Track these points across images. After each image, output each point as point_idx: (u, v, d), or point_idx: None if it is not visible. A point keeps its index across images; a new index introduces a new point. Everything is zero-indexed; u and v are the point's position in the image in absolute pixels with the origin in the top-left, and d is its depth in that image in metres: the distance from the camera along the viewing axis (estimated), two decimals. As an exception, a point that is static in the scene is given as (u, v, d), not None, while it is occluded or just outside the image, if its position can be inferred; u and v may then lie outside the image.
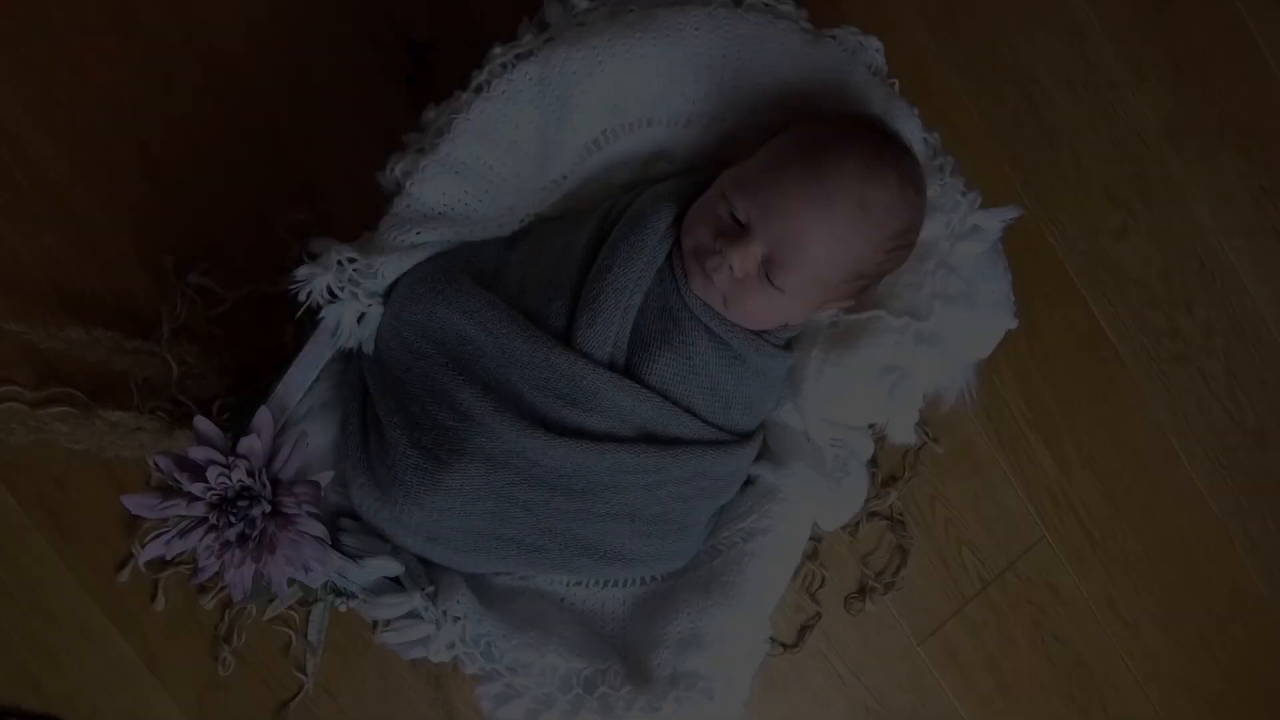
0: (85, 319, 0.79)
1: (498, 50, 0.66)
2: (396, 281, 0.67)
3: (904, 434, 0.73)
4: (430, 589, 0.66)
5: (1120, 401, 0.98)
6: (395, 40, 0.85)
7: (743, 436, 0.71)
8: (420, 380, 0.65)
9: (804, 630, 0.92)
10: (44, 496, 0.80)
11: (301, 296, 0.64)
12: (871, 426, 0.76)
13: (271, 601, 0.74)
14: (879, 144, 0.65)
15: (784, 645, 0.91)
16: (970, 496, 0.96)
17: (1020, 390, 0.96)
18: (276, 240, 0.82)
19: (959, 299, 0.70)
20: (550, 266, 0.67)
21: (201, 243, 0.82)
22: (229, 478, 0.59)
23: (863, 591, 0.93)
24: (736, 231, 0.63)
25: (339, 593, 0.70)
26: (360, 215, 0.72)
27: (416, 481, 0.63)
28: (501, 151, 0.67)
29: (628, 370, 0.66)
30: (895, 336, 0.70)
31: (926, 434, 0.93)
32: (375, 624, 0.68)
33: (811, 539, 0.91)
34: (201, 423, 0.60)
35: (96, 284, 0.81)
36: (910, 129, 0.69)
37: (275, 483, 0.61)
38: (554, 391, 0.63)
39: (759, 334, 0.69)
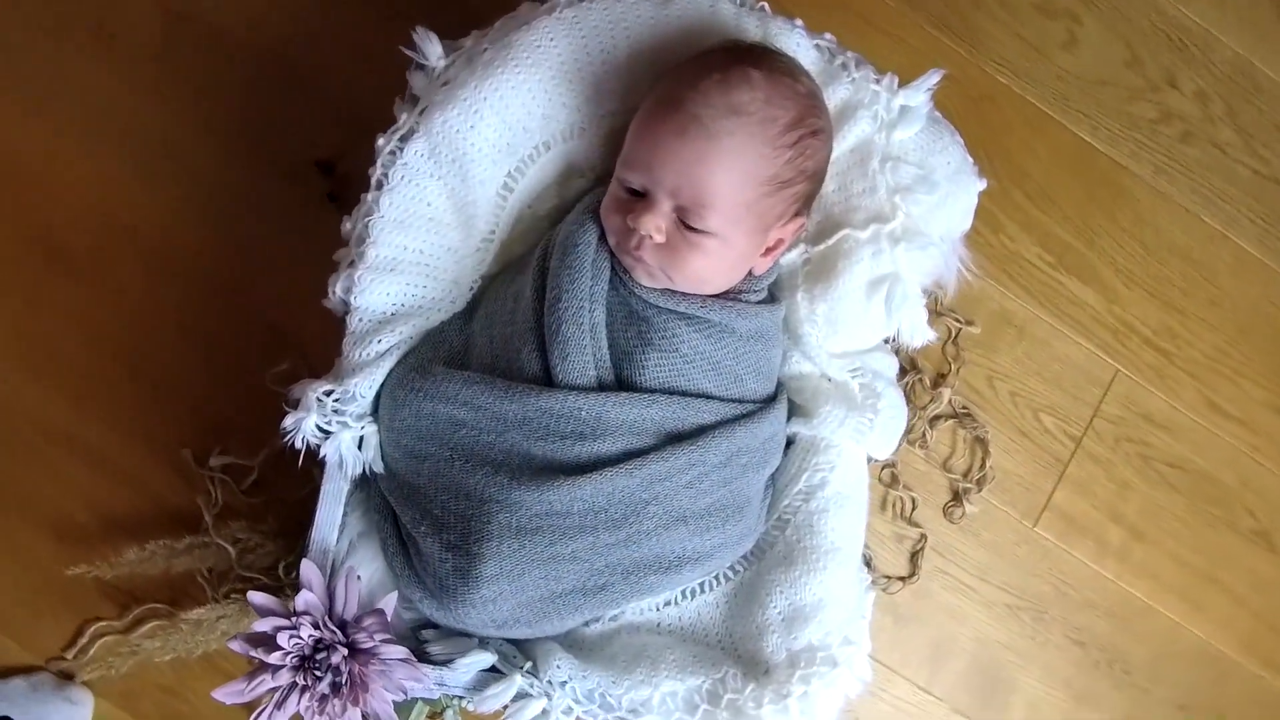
0: (137, 537, 0.82)
1: (381, 141, 0.66)
2: (380, 396, 0.67)
3: (920, 335, 0.70)
4: (528, 664, 0.66)
5: (1139, 207, 0.93)
6: (305, 168, 0.86)
7: (766, 400, 0.69)
8: (432, 481, 0.65)
9: (915, 556, 0.89)
10: (163, 708, 0.83)
11: (297, 443, 0.64)
12: (887, 341, 0.73)
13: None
14: (731, 54, 0.63)
15: (901, 578, 0.89)
16: (1027, 362, 0.92)
17: (1033, 239, 0.92)
18: (273, 395, 0.83)
19: (917, 185, 0.68)
20: (508, 321, 0.67)
21: (209, 425, 0.84)
22: (300, 636, 0.60)
23: (957, 497, 0.90)
24: (638, 201, 0.62)
25: (455, 698, 0.71)
26: (336, 341, 0.73)
27: (458, 583, 0.63)
28: (424, 233, 0.67)
29: (621, 385, 0.64)
30: (870, 248, 0.67)
31: (957, 320, 0.90)
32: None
33: (886, 466, 0.89)
34: (255, 597, 0.62)
35: (133, 501, 0.84)
36: (796, 42, 0.67)
37: (344, 625, 0.62)
38: (558, 434, 0.62)
39: (733, 298, 0.67)
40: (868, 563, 0.88)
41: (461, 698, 0.71)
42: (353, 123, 0.84)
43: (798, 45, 0.68)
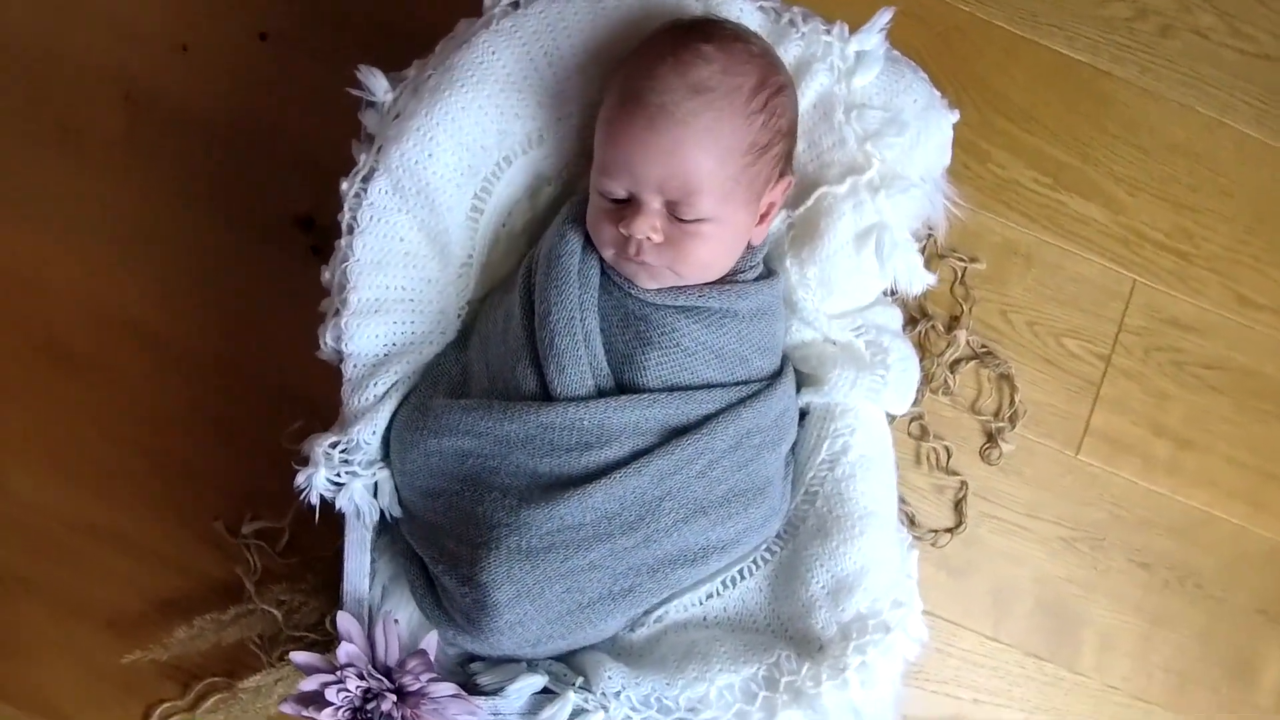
0: (186, 615, 0.83)
1: (344, 185, 0.66)
2: (389, 440, 0.67)
3: (918, 280, 0.68)
4: (579, 679, 0.65)
5: (1129, 111, 0.90)
6: (285, 227, 0.86)
7: (772, 376, 0.68)
8: (446, 515, 0.65)
9: (958, 505, 0.87)
10: (239, 778, 0.83)
11: (313, 499, 0.64)
12: (887, 293, 0.72)
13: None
14: (677, 34, 0.61)
15: (948, 530, 0.87)
16: (1040, 289, 0.89)
17: (1024, 163, 0.90)
18: (292, 455, 0.84)
19: (886, 128, 0.66)
20: (501, 341, 0.66)
21: (237, 495, 0.85)
22: (348, 689, 0.60)
23: (991, 438, 0.88)
24: (626, 208, 0.61)
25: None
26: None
27: (479, 614, 0.62)
28: (403, 270, 0.66)
29: (623, 388, 0.63)
30: (849, 202, 0.66)
31: (960, 259, 0.88)
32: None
33: (914, 419, 0.87)
34: (297, 657, 0.62)
35: (176, 581, 0.85)
36: (740, 8, 0.65)
37: (389, 671, 0.62)
38: (563, 447, 0.62)
39: (730, 279, 0.66)
40: (911, 520, 0.86)
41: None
42: (322, 174, 0.84)
43: (741, 11, 0.66)
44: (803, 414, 0.71)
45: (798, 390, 0.70)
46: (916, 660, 0.67)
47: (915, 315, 0.87)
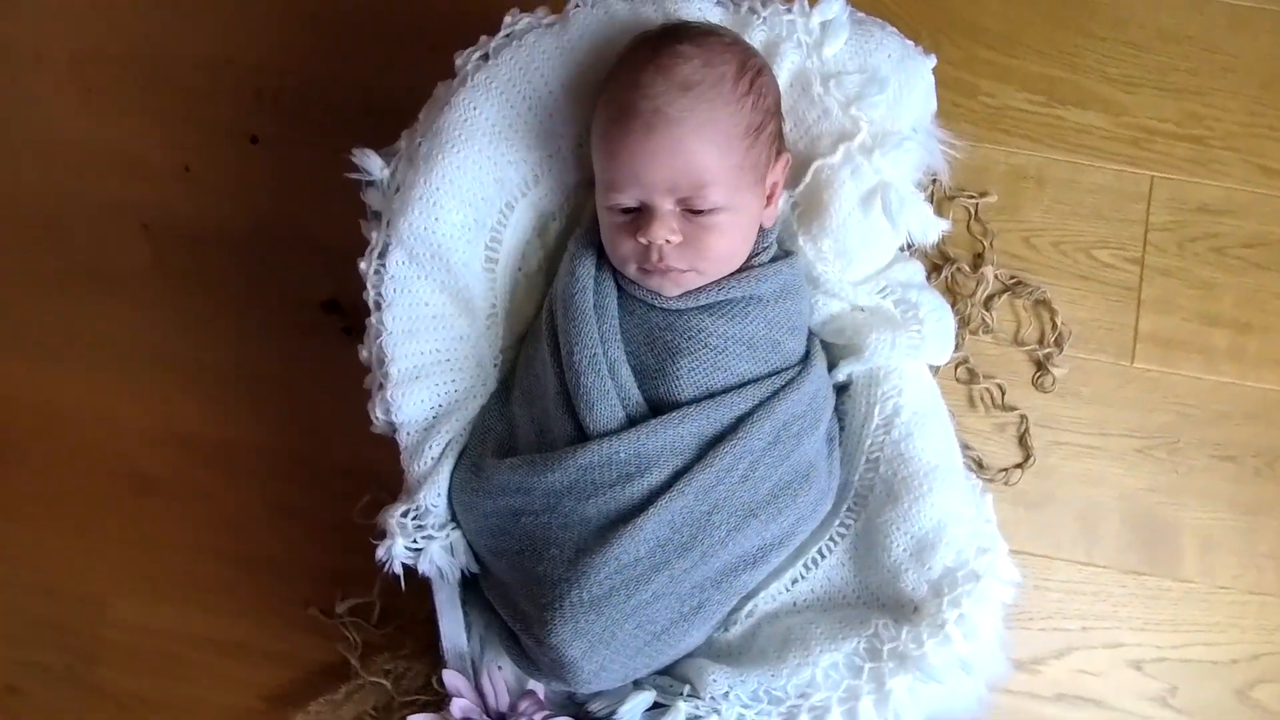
0: (300, 703, 0.86)
1: (363, 265, 0.69)
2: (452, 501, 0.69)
3: (932, 229, 0.68)
4: (686, 688, 0.66)
5: (1112, 10, 0.89)
6: (315, 314, 0.89)
7: (802, 360, 0.68)
8: (513, 575, 0.66)
9: (1023, 440, 0.86)
10: None
11: (396, 569, 0.67)
12: (904, 249, 0.72)
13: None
14: (650, 43, 0.63)
15: (1018, 466, 0.86)
16: (1057, 208, 0.88)
17: (1014, 87, 0.89)
18: (368, 528, 0.86)
19: (866, 89, 0.66)
20: (542, 393, 0.67)
21: (325, 579, 0.88)
22: (470, 742, 0.62)
23: (1041, 366, 0.87)
24: (639, 217, 0.62)
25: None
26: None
27: (560, 671, 0.63)
28: (434, 333, 0.68)
29: (658, 407, 0.64)
30: (846, 168, 0.66)
31: (970, 197, 0.87)
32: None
33: (960, 365, 0.86)
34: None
35: (285, 673, 0.88)
36: (698, 7, 0.66)
37: (503, 717, 0.63)
38: (605, 484, 0.62)
39: (746, 267, 0.66)
40: (979, 464, 0.86)
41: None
42: (337, 257, 0.87)
43: (700, 9, 0.67)
44: (845, 387, 0.71)
45: (836, 364, 0.71)
46: (1014, 601, 0.66)
47: (938, 262, 0.87)
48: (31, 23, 0.91)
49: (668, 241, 0.61)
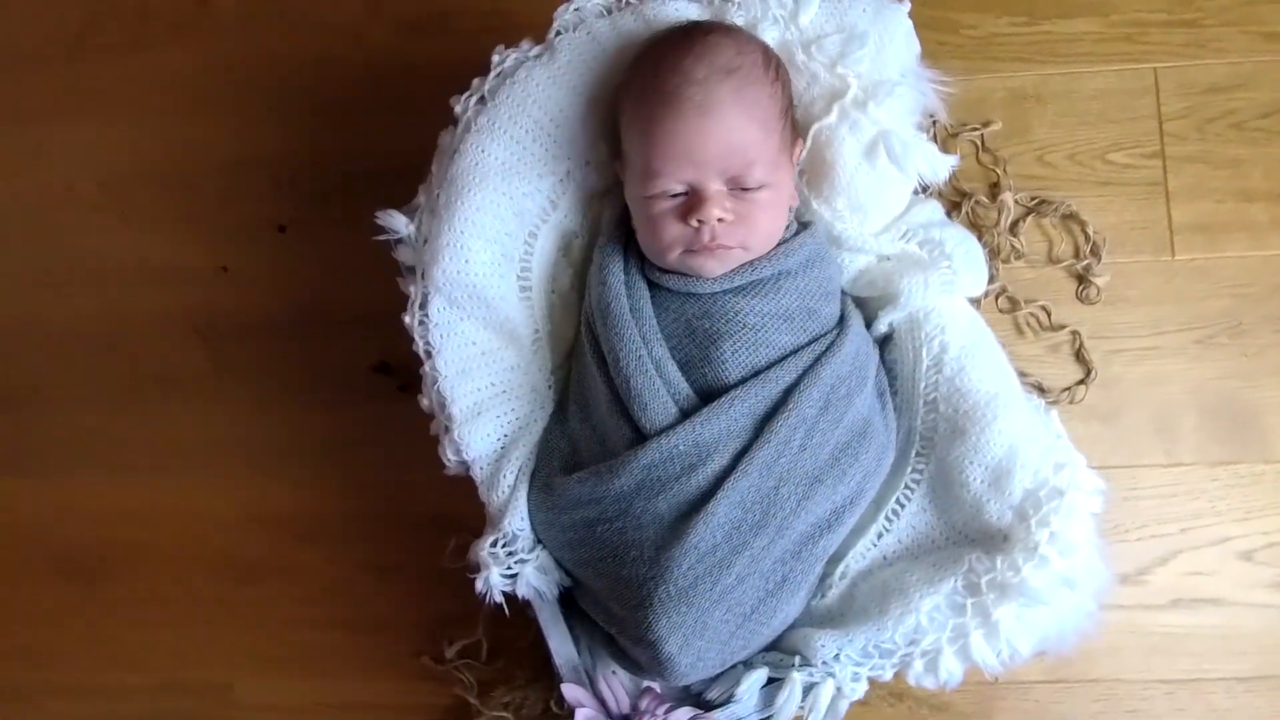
0: (429, 754, 0.88)
1: (407, 319, 0.72)
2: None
3: (941, 167, 0.69)
4: (796, 658, 0.67)
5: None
6: (369, 378, 0.93)
7: (838, 321, 0.69)
8: (601, 582, 0.67)
9: (1079, 355, 0.86)
10: None
11: (496, 598, 0.69)
12: (918, 191, 0.72)
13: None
14: (677, 36, 0.65)
15: (1080, 383, 0.85)
16: (1064, 121, 0.88)
17: (994, 14, 0.89)
18: (460, 570, 0.89)
19: (848, 46, 0.67)
20: (593, 401, 0.69)
21: (430, 626, 0.90)
22: (600, 749, 0.64)
23: (1082, 279, 0.86)
24: (686, 201, 0.64)
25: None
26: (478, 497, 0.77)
27: (660, 668, 0.63)
28: (486, 369, 0.71)
29: (710, 394, 0.65)
30: (844, 125, 0.67)
31: (974, 129, 0.87)
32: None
33: (1000, 295, 0.86)
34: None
35: (411, 725, 0.90)
36: (675, 8, 0.69)
37: (627, 718, 0.65)
38: (672, 478, 0.63)
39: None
40: (1040, 389, 0.85)
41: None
42: (378, 320, 0.90)
43: (677, 9, 0.69)
44: (889, 338, 0.72)
45: (874, 318, 0.71)
46: (1104, 514, 0.66)
47: (955, 200, 0.87)
48: (60, 161, 0.97)
49: (720, 220, 0.63)
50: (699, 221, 0.63)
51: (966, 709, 0.83)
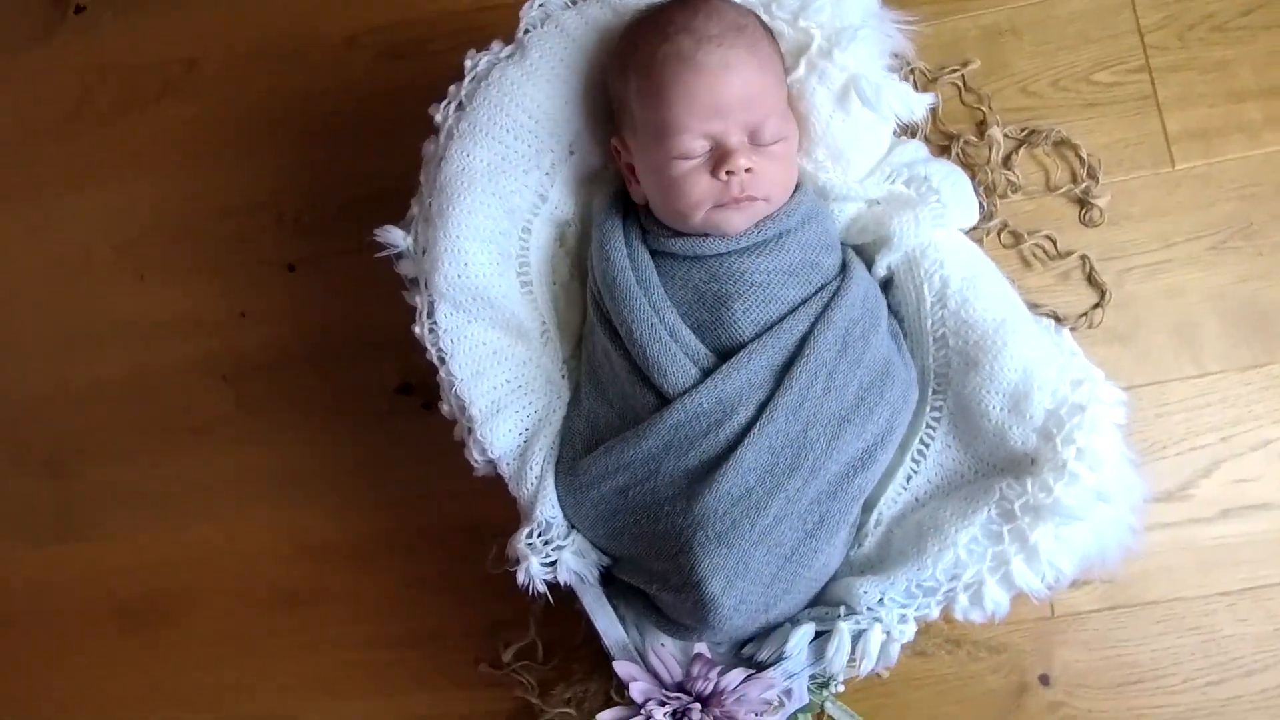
0: (500, 756, 0.89)
1: (417, 329, 0.73)
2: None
3: (917, 105, 0.69)
4: (840, 609, 0.67)
5: None
6: (393, 400, 0.95)
7: (841, 269, 0.70)
8: (638, 544, 0.68)
9: (1090, 278, 0.85)
10: None
11: (538, 588, 0.70)
12: (898, 133, 0.72)
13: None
14: (675, 3, 0.67)
15: (1095, 306, 0.84)
16: (1042, 48, 0.87)
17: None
18: (505, 574, 0.90)
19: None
20: (609, 378, 0.70)
21: (481, 633, 0.91)
22: (659, 718, 0.64)
23: (1083, 203, 0.86)
24: (710, 157, 0.65)
25: (822, 685, 0.73)
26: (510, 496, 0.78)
27: (706, 611, 0.64)
28: (500, 367, 0.72)
29: (726, 353, 0.66)
30: (812, 77, 0.68)
31: (953, 70, 0.87)
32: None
33: (1002, 230, 0.86)
34: (604, 715, 0.66)
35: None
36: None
37: (680, 687, 0.65)
38: (699, 435, 0.64)
39: None
40: (1056, 317, 0.84)
41: (825, 684, 0.72)
42: (394, 344, 0.92)
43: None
44: (890, 281, 0.72)
45: (873, 262, 0.72)
46: (1130, 426, 0.65)
47: (944, 143, 0.87)
48: (73, 230, 1.01)
49: (748, 171, 0.64)
50: (728, 174, 0.64)
51: (1025, 646, 0.82)
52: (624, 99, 0.68)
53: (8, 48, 1.03)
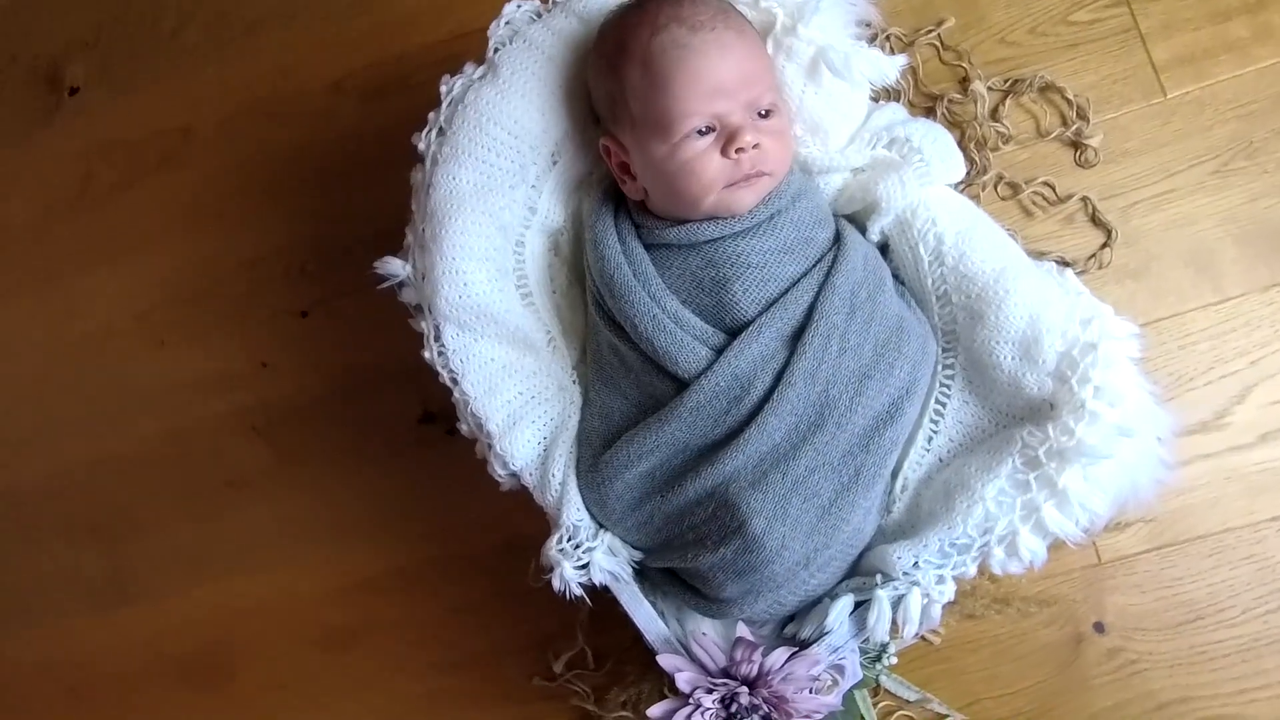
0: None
1: (426, 354, 0.74)
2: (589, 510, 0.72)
3: (889, 69, 0.69)
4: (877, 577, 0.66)
5: None
6: (419, 430, 0.96)
7: (836, 237, 0.70)
8: (669, 521, 0.69)
9: (1095, 219, 0.84)
10: None
11: (576, 590, 0.70)
12: (877, 99, 0.72)
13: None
14: None
15: (1103, 246, 0.83)
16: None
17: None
18: (546, 587, 0.91)
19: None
20: (620, 373, 0.71)
21: (531, 648, 0.92)
22: (707, 705, 0.64)
23: (1077, 144, 0.85)
24: (721, 133, 0.65)
25: (874, 659, 0.72)
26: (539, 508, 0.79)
27: (748, 556, 0.64)
28: (511, 380, 0.73)
29: (735, 330, 0.67)
30: (780, 54, 0.69)
31: (929, 31, 0.87)
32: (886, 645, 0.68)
33: (999, 182, 0.85)
34: (654, 710, 0.66)
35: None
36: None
37: (726, 673, 0.65)
38: (720, 411, 0.65)
39: None
40: (1064, 263, 0.83)
41: (877, 657, 0.72)
42: (411, 374, 0.93)
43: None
44: (886, 245, 0.72)
45: (866, 230, 0.72)
46: (1148, 358, 0.64)
47: (928, 105, 0.87)
48: (94, 306, 1.04)
49: (756, 146, 0.65)
50: (738, 151, 0.64)
51: (1075, 596, 0.81)
52: (616, 96, 0.69)
53: (11, 136, 1.07)
